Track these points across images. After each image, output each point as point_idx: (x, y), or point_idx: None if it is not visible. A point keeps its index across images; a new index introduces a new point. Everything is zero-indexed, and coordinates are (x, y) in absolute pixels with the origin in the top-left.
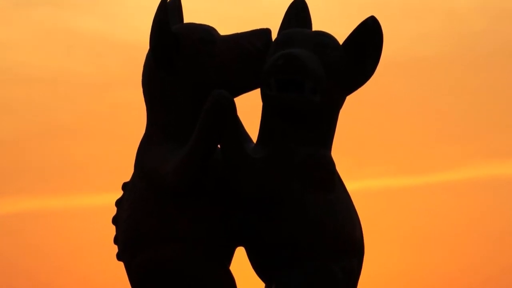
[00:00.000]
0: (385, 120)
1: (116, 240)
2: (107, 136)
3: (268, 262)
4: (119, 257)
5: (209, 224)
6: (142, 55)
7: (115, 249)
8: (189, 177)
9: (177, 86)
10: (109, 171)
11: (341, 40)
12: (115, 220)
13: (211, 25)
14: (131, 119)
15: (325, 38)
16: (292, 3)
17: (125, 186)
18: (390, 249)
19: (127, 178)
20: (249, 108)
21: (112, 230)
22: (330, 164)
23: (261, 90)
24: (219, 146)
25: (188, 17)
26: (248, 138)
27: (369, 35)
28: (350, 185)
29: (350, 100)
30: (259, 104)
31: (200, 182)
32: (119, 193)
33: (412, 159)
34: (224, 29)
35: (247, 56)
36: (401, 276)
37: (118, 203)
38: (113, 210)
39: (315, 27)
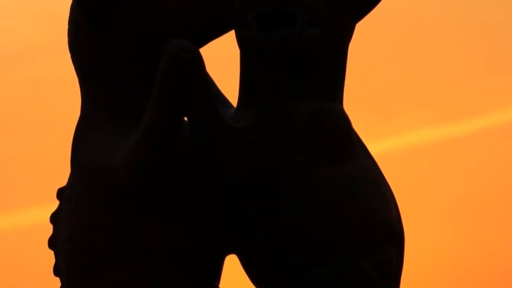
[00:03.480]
0: (413, 50)
1: (56, 270)
2: (31, 126)
3: (272, 269)
4: None
5: (185, 229)
6: (66, 10)
7: (56, 282)
8: (149, 168)
9: (117, 44)
10: (37, 175)
11: None
12: (52, 242)
13: None
14: (60, 97)
15: None
16: None
17: (61, 194)
18: (439, 227)
19: (64, 181)
20: (223, 61)
21: (50, 257)
22: (343, 122)
23: (236, 32)
24: (186, 118)
25: None
26: (226, 102)
27: None
28: (374, 147)
29: (361, 29)
30: (236, 52)
31: (167, 172)
32: (55, 204)
33: (456, 99)
34: None
35: None
36: (460, 259)
37: (54, 217)
38: (49, 229)
39: None
